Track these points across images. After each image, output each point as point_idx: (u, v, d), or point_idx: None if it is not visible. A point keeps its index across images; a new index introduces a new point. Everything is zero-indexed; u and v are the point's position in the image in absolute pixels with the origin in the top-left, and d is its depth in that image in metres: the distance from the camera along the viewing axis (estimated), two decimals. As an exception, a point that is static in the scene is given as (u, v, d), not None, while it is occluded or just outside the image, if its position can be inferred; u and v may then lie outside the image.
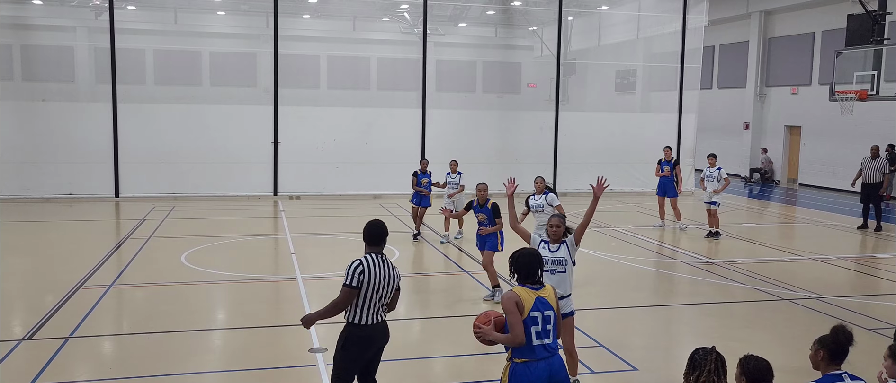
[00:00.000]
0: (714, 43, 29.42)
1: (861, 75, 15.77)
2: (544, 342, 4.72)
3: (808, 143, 26.08)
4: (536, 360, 4.70)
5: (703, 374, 4.15)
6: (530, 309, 4.69)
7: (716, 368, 4.15)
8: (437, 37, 23.31)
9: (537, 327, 4.71)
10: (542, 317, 4.72)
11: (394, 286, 5.45)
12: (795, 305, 10.09)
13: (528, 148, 22.39)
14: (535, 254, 4.92)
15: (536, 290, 4.78)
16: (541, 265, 4.91)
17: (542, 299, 4.76)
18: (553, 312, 4.80)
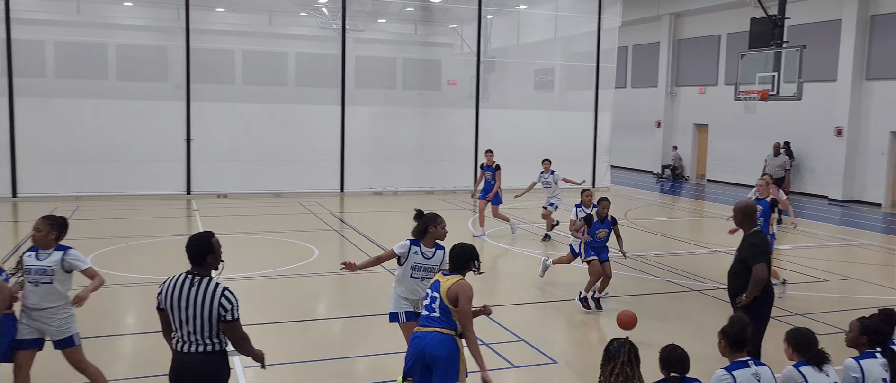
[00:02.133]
0: (628, 43, 30.28)
1: (763, 76, 16.48)
2: (430, 314, 5.34)
3: (715, 141, 27.20)
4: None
5: (617, 365, 4.27)
6: (429, 285, 5.48)
7: (629, 359, 4.28)
8: (356, 33, 23.06)
9: (426, 301, 5.42)
10: (430, 296, 5.40)
11: (203, 317, 4.46)
12: (705, 296, 10.48)
13: (449, 145, 22.46)
14: (461, 250, 5.49)
15: (444, 276, 5.43)
16: (462, 261, 5.46)
17: (437, 284, 5.38)
18: (439, 297, 5.32)
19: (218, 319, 4.50)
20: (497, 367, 7.46)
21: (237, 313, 4.56)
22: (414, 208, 6.69)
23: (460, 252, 5.51)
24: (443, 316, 5.32)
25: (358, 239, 14.41)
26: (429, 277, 6.22)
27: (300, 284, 10.92)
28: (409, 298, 6.43)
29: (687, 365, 4.56)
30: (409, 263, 6.32)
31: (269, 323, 8.81)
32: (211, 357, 4.53)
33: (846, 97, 21.56)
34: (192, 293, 4.51)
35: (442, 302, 5.33)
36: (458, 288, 5.31)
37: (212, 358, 4.53)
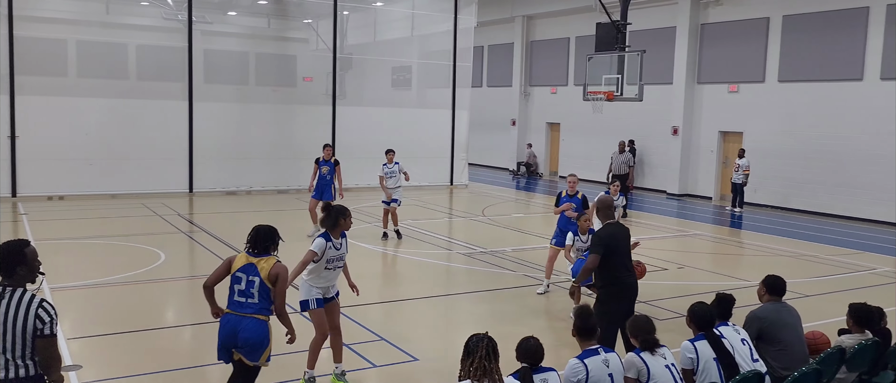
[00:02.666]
0: (483, 43, 31.00)
1: (608, 78, 17.39)
2: (246, 300, 5.42)
3: (566, 139, 28.44)
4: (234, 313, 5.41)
5: (476, 360, 4.30)
6: (237, 269, 5.45)
7: (487, 353, 4.32)
8: (204, 25, 21.95)
9: (240, 286, 5.43)
10: (246, 280, 5.41)
11: (16, 332, 3.96)
12: (560, 288, 10.85)
13: (306, 142, 21.90)
14: (266, 230, 5.59)
15: (251, 258, 5.47)
16: (266, 239, 5.54)
17: (252, 266, 5.43)
18: (259, 278, 5.38)
19: (33, 334, 3.98)
20: (357, 367, 7.32)
21: (56, 328, 4.06)
22: (323, 204, 6.80)
23: (266, 232, 5.61)
24: (261, 300, 5.42)
25: (209, 241, 13.71)
26: (340, 266, 6.66)
27: (145, 291, 10.21)
28: (322, 287, 6.64)
29: (540, 355, 4.72)
30: (325, 258, 6.47)
31: (111, 333, 8.15)
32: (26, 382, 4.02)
33: (681, 99, 23.22)
34: (2, 306, 3.98)
35: (262, 284, 5.41)
36: (278, 270, 5.45)
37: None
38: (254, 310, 5.42)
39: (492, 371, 4.29)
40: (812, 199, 20.08)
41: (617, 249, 6.83)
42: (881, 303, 7.28)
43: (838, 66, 19.32)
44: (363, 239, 14.40)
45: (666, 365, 5.04)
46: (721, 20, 22.37)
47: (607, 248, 6.76)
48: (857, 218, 18.96)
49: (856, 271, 12.86)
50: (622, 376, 4.97)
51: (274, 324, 5.55)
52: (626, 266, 6.91)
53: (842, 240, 16.17)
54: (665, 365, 5.03)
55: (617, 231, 6.98)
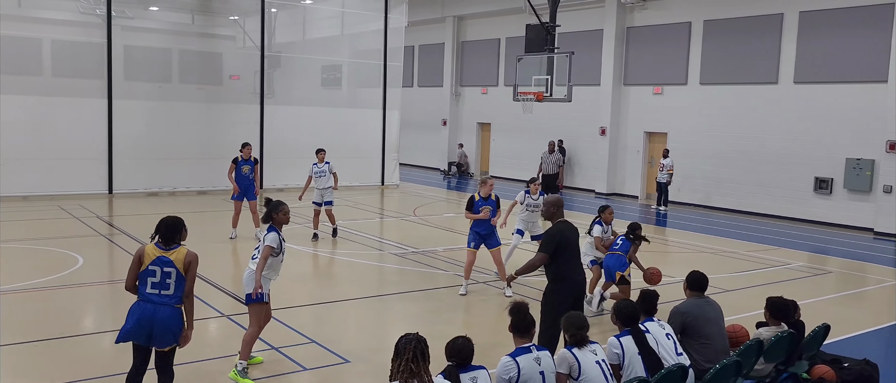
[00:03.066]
0: (414, 43, 30.98)
1: (538, 79, 17.61)
2: (160, 291, 5.61)
3: (497, 139, 28.70)
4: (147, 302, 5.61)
5: (403, 362, 4.31)
6: (149, 263, 5.61)
7: (415, 356, 4.32)
8: (124, 20, 21.14)
9: (154, 279, 5.59)
10: (161, 272, 5.58)
11: None
12: (490, 287, 10.93)
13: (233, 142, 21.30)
14: (174, 221, 5.77)
15: (163, 250, 5.65)
16: (176, 231, 5.73)
17: (165, 259, 5.62)
18: (175, 269, 5.59)
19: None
20: (287, 371, 7.18)
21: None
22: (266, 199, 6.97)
23: (174, 223, 5.77)
24: (176, 290, 5.63)
25: (130, 244, 13.22)
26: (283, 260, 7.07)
27: (62, 296, 9.75)
28: (273, 278, 7.11)
29: (469, 353, 4.73)
30: (279, 249, 6.94)
31: (24, 342, 7.75)
32: None
33: (608, 100, 23.77)
34: None
35: (178, 273, 5.62)
36: (191, 258, 5.69)
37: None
38: (171, 301, 5.61)
39: (419, 372, 4.29)
40: (731, 198, 20.87)
41: (566, 247, 6.97)
42: (796, 297, 7.62)
43: (755, 69, 20.14)
44: (293, 240, 14.16)
45: (596, 360, 5.14)
46: (646, 24, 23.01)
47: (558, 247, 6.92)
48: (772, 215, 19.82)
49: (772, 266, 13.43)
50: (553, 374, 5.04)
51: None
52: (574, 263, 7.06)
53: (759, 236, 16.85)
54: (595, 361, 5.13)
55: (566, 229, 7.09)
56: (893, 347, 9.13)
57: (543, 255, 6.94)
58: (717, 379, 5.50)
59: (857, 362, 7.03)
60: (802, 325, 6.87)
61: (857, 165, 18.03)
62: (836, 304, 10.90)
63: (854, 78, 18.14)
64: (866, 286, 12.45)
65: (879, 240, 17.05)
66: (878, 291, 12.12)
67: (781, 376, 6.58)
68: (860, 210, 18.12)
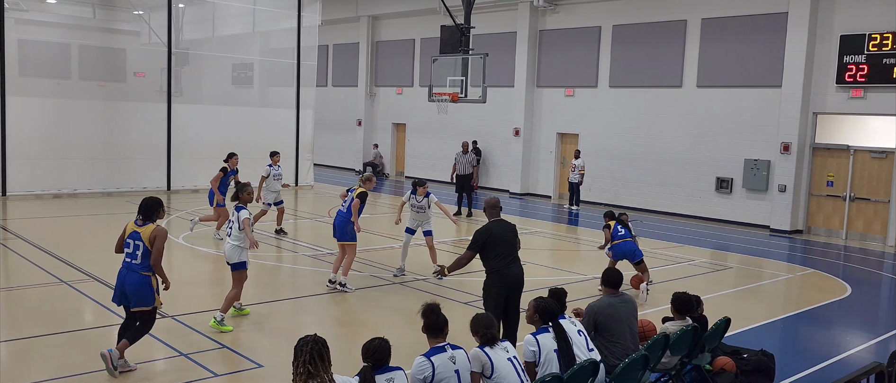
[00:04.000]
0: (328, 42, 30.61)
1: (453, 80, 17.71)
2: (131, 261, 6.87)
3: (412, 139, 28.71)
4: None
5: (300, 364, 4.27)
6: (126, 236, 6.94)
7: (312, 357, 4.27)
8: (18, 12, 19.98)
9: (128, 249, 6.90)
10: (133, 244, 6.87)
11: None
12: (406, 287, 10.92)
13: (138, 141, 20.59)
14: (151, 201, 6.96)
15: (138, 226, 6.90)
16: (152, 210, 6.92)
17: (136, 233, 6.86)
18: (142, 243, 6.82)
19: None
20: (198, 377, 6.96)
21: None
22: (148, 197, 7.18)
23: (152, 202, 6.95)
24: (143, 260, 6.80)
25: (26, 249, 12.49)
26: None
27: (-53, 307, 9.11)
28: (246, 247, 8.63)
29: (384, 354, 4.74)
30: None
31: None
32: None
33: (521, 101, 24.18)
34: None
35: (145, 247, 6.78)
36: (156, 233, 6.81)
37: None
38: (139, 268, 6.82)
39: (319, 372, 4.24)
40: (638, 196, 21.63)
41: (495, 244, 7.45)
42: (699, 292, 7.97)
43: (661, 73, 20.94)
44: (203, 243, 13.73)
45: (508, 358, 5.22)
46: (557, 27, 23.54)
47: (484, 245, 7.44)
48: (676, 213, 20.66)
49: (677, 263, 13.99)
50: (469, 372, 5.08)
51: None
52: (506, 257, 7.48)
53: (664, 234, 17.52)
54: (507, 359, 5.21)
55: (495, 228, 7.55)
56: (788, 337, 9.68)
57: (469, 253, 7.51)
58: (626, 373, 5.68)
59: (754, 353, 7.41)
60: (705, 319, 7.18)
61: (754, 166, 19.02)
62: (735, 298, 11.46)
63: (752, 83, 19.13)
64: (763, 280, 13.15)
65: (775, 236, 18.05)
66: (773, 285, 12.83)
67: (686, 368, 6.85)
68: (757, 208, 19.13)
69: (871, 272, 14.39)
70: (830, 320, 10.67)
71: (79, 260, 11.61)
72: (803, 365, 8.13)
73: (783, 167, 18.41)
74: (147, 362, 7.36)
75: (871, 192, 17.61)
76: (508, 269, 7.49)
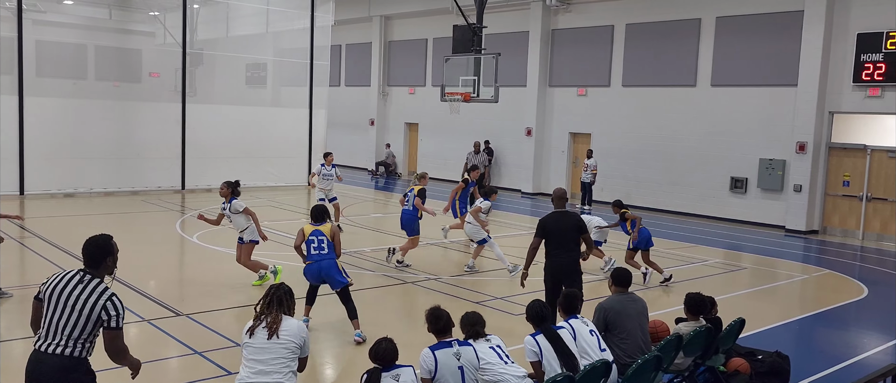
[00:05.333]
0: (341, 42, 30.67)
1: (465, 79, 17.71)
2: (320, 251, 8.38)
3: (424, 139, 28.73)
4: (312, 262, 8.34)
5: (262, 303, 5.07)
6: (309, 235, 8.44)
7: (271, 300, 5.04)
8: (36, 14, 20.19)
9: (314, 245, 8.35)
10: (317, 240, 8.38)
11: (82, 316, 4.28)
12: (418, 287, 10.93)
13: (153, 141, 20.74)
14: (319, 208, 8.79)
15: (316, 226, 8.49)
16: (324, 213, 8.67)
17: (318, 231, 8.43)
18: (325, 237, 8.37)
19: (96, 323, 4.34)
20: (212, 375, 7.01)
21: (122, 322, 4.41)
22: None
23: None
24: (330, 251, 8.48)
25: (43, 247, 12.62)
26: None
27: (-35, 304, 9.23)
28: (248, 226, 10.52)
29: (392, 355, 4.94)
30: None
31: (-79, 354, 7.28)
32: (71, 361, 4.31)
33: (534, 101, 24.14)
34: (78, 290, 4.35)
35: (329, 241, 8.53)
36: (334, 231, 8.64)
37: (71, 364, 4.31)
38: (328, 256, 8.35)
39: (271, 313, 4.96)
40: (650, 196, 21.53)
41: (549, 232, 8.03)
42: (713, 293, 7.92)
43: (675, 72, 20.84)
44: (215, 242, 13.82)
45: (491, 346, 5.41)
46: (570, 26, 23.48)
47: (545, 231, 8.05)
48: (690, 213, 20.55)
49: (690, 263, 13.92)
50: (475, 368, 5.17)
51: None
52: (557, 246, 8.04)
53: (677, 234, 17.44)
54: (490, 347, 5.40)
55: (551, 217, 8.15)
56: (803, 339, 9.61)
57: (535, 240, 8.14)
58: (639, 373, 5.66)
59: (769, 354, 7.36)
60: (719, 320, 7.14)
61: (769, 165, 18.89)
62: (750, 299, 11.38)
63: (767, 81, 19.00)
64: (778, 281, 13.06)
65: (790, 236, 17.91)
66: (788, 286, 12.74)
67: (699, 369, 6.82)
68: (772, 208, 19.00)
69: (888, 273, 14.25)
70: (846, 321, 10.58)
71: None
72: (819, 366, 8.07)
73: (799, 167, 18.27)
74: (161, 360, 7.42)
75: (888, 192, 17.44)
76: (556, 257, 8.03)
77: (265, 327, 4.89)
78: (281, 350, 4.85)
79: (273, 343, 4.85)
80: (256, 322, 4.96)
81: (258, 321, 4.95)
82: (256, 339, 4.88)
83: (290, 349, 4.88)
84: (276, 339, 4.85)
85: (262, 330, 4.89)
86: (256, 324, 4.93)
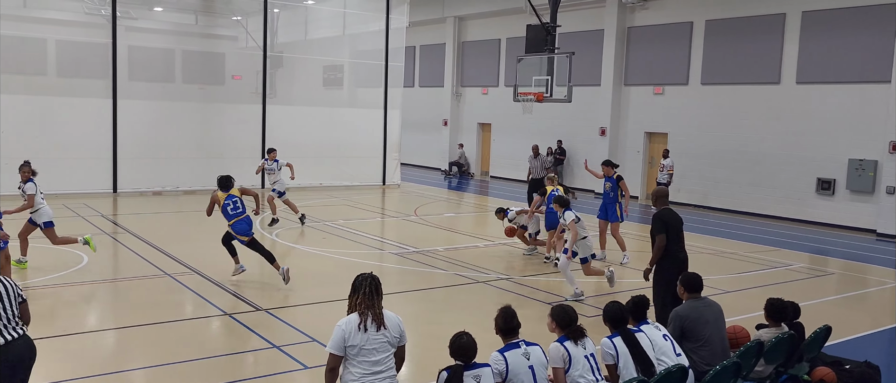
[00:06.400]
0: (415, 43, 31.00)
1: (538, 79, 17.64)
2: (238, 211, 10.27)
3: (497, 139, 28.72)
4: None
5: (360, 296, 4.79)
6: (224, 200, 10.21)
7: (371, 290, 4.85)
8: (128, 21, 21.18)
9: (231, 207, 10.20)
10: (233, 203, 10.22)
11: (10, 302, 5.00)
12: (489, 287, 10.96)
13: (233, 141, 21.47)
14: (224, 177, 10.37)
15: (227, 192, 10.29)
16: (230, 180, 10.45)
17: (232, 195, 10.31)
18: (238, 198, 10.29)
19: (18, 301, 5.07)
20: (288, 369, 7.22)
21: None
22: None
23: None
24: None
25: (134, 242, 13.26)
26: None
27: (66, 294, 9.80)
28: None
29: (474, 351, 4.85)
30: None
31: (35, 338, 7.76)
32: (29, 340, 5.09)
33: (608, 100, 23.78)
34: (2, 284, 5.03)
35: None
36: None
37: (30, 342, 5.10)
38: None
39: (374, 305, 4.77)
40: (728, 198, 20.88)
41: (670, 228, 8.14)
42: (796, 298, 7.64)
43: (757, 69, 20.15)
44: (293, 239, 14.20)
45: (585, 355, 5.26)
46: (647, 24, 23.02)
47: (667, 226, 8.12)
48: (772, 216, 19.82)
49: (773, 267, 13.43)
50: (544, 368, 5.13)
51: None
52: (678, 242, 8.21)
53: (759, 237, 16.86)
54: (584, 356, 5.25)
55: (668, 213, 8.30)
56: (895, 349, 9.14)
57: (660, 238, 8.10)
58: (717, 380, 5.52)
59: (858, 364, 7.04)
60: (802, 327, 6.88)
61: (859, 166, 18.04)
62: (837, 306, 10.91)
63: (857, 78, 18.14)
64: (868, 287, 12.46)
65: (881, 241, 17.06)
66: (879, 293, 12.14)
67: (781, 378, 6.60)
68: (862, 211, 18.13)
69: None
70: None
71: (180, 253, 12.23)
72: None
73: (892, 167, 17.37)
74: (241, 353, 7.70)
75: None
76: (679, 251, 8.18)
77: (372, 320, 4.72)
78: (386, 343, 4.74)
79: (381, 334, 4.71)
80: (362, 317, 4.73)
81: (364, 315, 4.74)
82: (366, 334, 4.68)
83: (391, 341, 4.78)
84: (383, 330, 4.73)
85: (371, 324, 4.71)
86: (364, 319, 4.72)
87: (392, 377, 4.75)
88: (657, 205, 8.47)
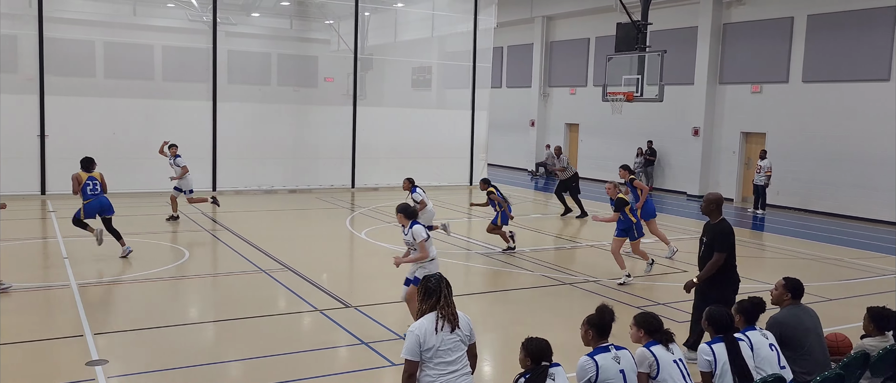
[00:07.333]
0: (503, 44, 30.99)
1: (628, 78, 17.31)
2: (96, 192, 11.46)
3: (585, 139, 28.36)
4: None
5: (441, 298, 4.72)
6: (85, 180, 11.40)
7: (448, 293, 4.79)
8: (228, 26, 22.19)
9: (90, 187, 11.43)
10: (93, 183, 11.45)
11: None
12: (575, 288, 10.87)
13: (326, 142, 22.11)
14: (86, 158, 11.63)
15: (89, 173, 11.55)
16: (92, 162, 11.65)
17: (92, 177, 11.59)
18: (97, 180, 11.51)
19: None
20: (376, 365, 7.40)
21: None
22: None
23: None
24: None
25: (231, 239, 13.88)
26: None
27: (169, 287, 10.38)
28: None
29: (548, 353, 4.79)
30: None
31: (135, 329, 8.30)
32: None
33: (702, 99, 23.07)
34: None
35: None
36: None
37: None
38: None
39: (450, 306, 4.73)
40: (832, 201, 19.87)
41: (733, 246, 7.36)
42: (904, 307, 7.21)
43: (864, 66, 19.10)
44: (382, 238, 14.49)
45: (674, 360, 5.09)
46: (744, 20, 22.20)
47: (732, 247, 7.32)
48: (877, 220, 18.74)
49: (881, 275, 12.72)
50: (635, 372, 5.00)
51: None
52: (734, 257, 7.39)
53: (864, 243, 15.99)
54: (673, 360, 5.08)
55: (729, 227, 7.43)
56: None
57: (721, 255, 7.23)
58: (816, 391, 5.28)
59: (970, 379, 6.60)
60: (909, 337, 6.50)
61: (977, 168, 16.81)
62: (950, 317, 10.21)
63: (975, 75, 16.92)
64: None
65: None
66: None
67: (886, 392, 6.25)
68: (980, 216, 16.88)
69: None
70: None
71: (275, 250, 12.71)
72: None
73: None
74: (331, 348, 7.94)
75: None
76: (736, 270, 7.43)
77: (447, 321, 4.66)
78: (459, 342, 4.70)
79: (455, 335, 4.67)
80: (440, 319, 4.66)
81: (441, 317, 4.67)
82: (442, 335, 4.62)
83: (463, 340, 4.74)
84: (458, 331, 4.69)
85: (446, 325, 4.66)
86: (441, 321, 4.66)
87: (467, 374, 4.73)
88: (714, 216, 7.43)
